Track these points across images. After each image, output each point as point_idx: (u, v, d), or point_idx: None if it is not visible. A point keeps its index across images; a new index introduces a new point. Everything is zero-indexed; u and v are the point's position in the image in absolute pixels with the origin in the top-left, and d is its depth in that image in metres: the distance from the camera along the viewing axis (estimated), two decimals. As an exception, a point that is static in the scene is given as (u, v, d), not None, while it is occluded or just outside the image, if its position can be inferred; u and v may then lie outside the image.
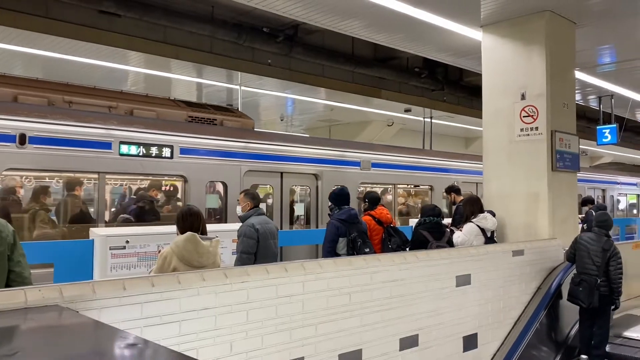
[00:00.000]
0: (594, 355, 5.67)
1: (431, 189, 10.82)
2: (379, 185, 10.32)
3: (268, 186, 8.39)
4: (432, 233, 5.63)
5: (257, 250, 4.77)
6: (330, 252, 5.06)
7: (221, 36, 8.22)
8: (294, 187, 8.72)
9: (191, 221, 3.59)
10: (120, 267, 5.16)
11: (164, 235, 5.12)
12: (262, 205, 8.14)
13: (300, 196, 9.03)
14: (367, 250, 5.03)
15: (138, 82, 11.14)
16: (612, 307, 5.71)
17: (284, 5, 6.28)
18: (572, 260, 5.87)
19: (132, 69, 9.94)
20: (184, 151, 6.99)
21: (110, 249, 5.12)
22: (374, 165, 9.62)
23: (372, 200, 6.04)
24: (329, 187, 8.56)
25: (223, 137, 7.55)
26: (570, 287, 5.71)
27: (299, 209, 8.82)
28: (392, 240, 5.65)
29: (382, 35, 7.43)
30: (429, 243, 5.54)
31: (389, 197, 10.80)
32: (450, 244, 5.70)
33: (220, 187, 7.61)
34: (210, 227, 5.86)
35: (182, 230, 3.53)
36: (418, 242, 5.62)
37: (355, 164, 9.31)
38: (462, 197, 7.33)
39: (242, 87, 11.25)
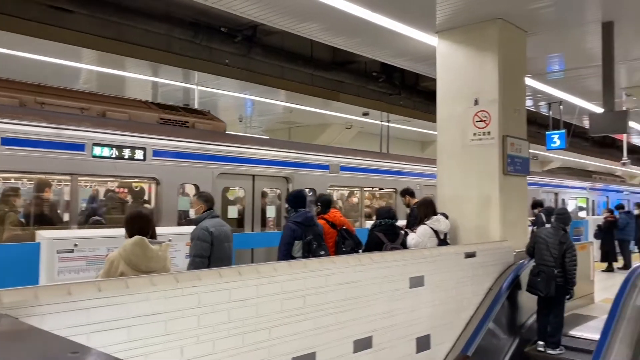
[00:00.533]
0: (549, 342, 5.93)
1: (396, 191, 11.11)
2: (347, 188, 10.54)
3: (239, 189, 8.46)
4: (387, 235, 5.73)
5: (211, 253, 4.70)
6: (286, 254, 5.05)
7: (177, 35, 8.09)
8: (265, 189, 8.77)
9: (140, 224, 3.50)
10: (68, 272, 5.00)
11: (114, 238, 4.99)
12: (234, 208, 8.27)
13: (272, 199, 9.10)
14: (322, 253, 5.04)
15: (91, 80, 10.83)
16: (567, 296, 6.01)
17: (242, 5, 6.23)
18: (532, 253, 6.14)
19: (85, 66, 9.65)
20: (157, 153, 7.02)
21: (57, 253, 4.95)
22: (343, 168, 9.90)
23: (325, 203, 6.06)
24: None
25: (195, 140, 7.59)
26: (529, 278, 5.99)
27: (271, 212, 8.88)
28: (346, 243, 5.69)
29: (340, 38, 7.47)
30: (384, 244, 5.62)
31: (356, 199, 11.14)
32: (404, 245, 5.78)
33: (192, 190, 7.61)
34: (164, 230, 5.79)
35: (130, 234, 3.43)
36: (373, 244, 5.70)
37: (325, 167, 9.55)
38: (416, 200, 7.45)
39: (199, 87, 11.10)
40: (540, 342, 5.96)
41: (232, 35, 8.62)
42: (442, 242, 5.99)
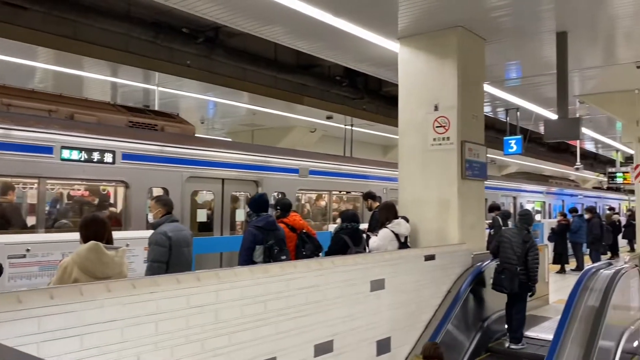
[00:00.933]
0: (512, 337, 6.22)
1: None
2: (316, 192, 10.59)
3: (208, 192, 8.44)
4: (352, 238, 5.75)
5: (169, 258, 4.60)
6: (247, 260, 4.99)
7: (137, 35, 7.93)
8: (235, 193, 8.75)
9: (95, 229, 3.41)
10: (19, 278, 4.82)
11: (69, 243, 4.85)
12: (203, 212, 8.25)
13: (241, 202, 9.09)
14: (283, 257, 5.01)
15: (47, 79, 10.51)
16: (529, 293, 6.31)
17: (204, 7, 6.16)
18: (496, 253, 6.41)
19: (40, 65, 9.35)
20: (126, 157, 6.98)
21: (8, 258, 4.77)
22: (312, 172, 10.00)
23: (284, 207, 6.05)
24: (269, 193, 8.80)
25: (165, 143, 7.57)
26: (494, 276, 6.26)
27: (240, 215, 8.88)
28: (306, 247, 5.69)
29: (304, 42, 7.48)
30: (349, 248, 5.65)
31: (323, 202, 11.28)
32: (365, 249, 5.83)
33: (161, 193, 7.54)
34: (121, 234, 5.66)
35: (85, 239, 3.34)
36: (338, 247, 5.72)
37: (294, 171, 9.62)
38: (378, 203, 7.55)
39: (160, 88, 10.92)
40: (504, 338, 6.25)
41: (194, 37, 8.52)
42: (403, 245, 6.07)
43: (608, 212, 18.33)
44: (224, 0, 5.98)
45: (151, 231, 4.89)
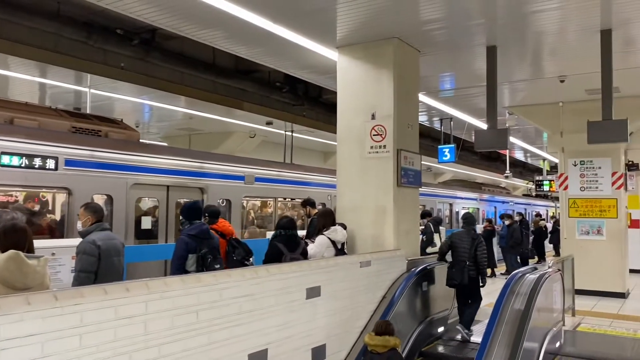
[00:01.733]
0: (465, 323, 6.86)
1: None
2: (261, 199, 10.62)
3: (150, 199, 8.31)
4: (287, 245, 5.73)
5: (98, 268, 4.42)
6: (179, 268, 4.89)
7: (68, 35, 7.61)
8: (180, 200, 8.59)
9: (15, 238, 3.22)
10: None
11: None
12: (147, 219, 8.12)
13: None
14: (217, 266, 4.97)
15: (-33, 77, 9.88)
16: (481, 284, 6.97)
17: (139, 8, 6.00)
18: (442, 256, 7.05)
19: (-40, 63, 8.80)
20: (69, 163, 6.84)
21: None
22: (257, 179, 10.05)
23: (213, 214, 6.05)
24: (215, 201, 8.90)
25: (109, 149, 7.44)
26: (447, 273, 6.92)
27: None
28: (236, 252, 5.67)
29: (243, 47, 7.43)
30: (283, 255, 5.63)
31: (270, 209, 11.31)
32: (304, 255, 5.83)
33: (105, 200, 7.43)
34: (47, 242, 5.39)
35: (4, 249, 3.15)
36: (274, 254, 5.69)
37: (240, 178, 9.64)
38: (316, 210, 7.61)
39: (92, 90, 10.52)
40: (458, 327, 6.91)
41: (128, 38, 8.28)
42: (340, 251, 6.14)
43: (535, 218, 19.30)
44: (160, 3, 5.84)
45: (79, 239, 4.69)
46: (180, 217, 5.37)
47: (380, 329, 4.89)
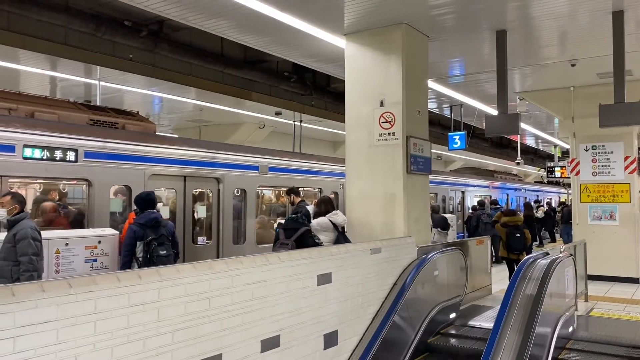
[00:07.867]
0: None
1: (321, 191, 11.58)
2: (275, 188, 10.88)
3: (167, 190, 8.46)
4: (285, 231, 6.22)
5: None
6: (128, 255, 5.41)
7: (77, 27, 7.65)
8: (196, 190, 8.75)
9: None
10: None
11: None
12: (165, 209, 8.31)
13: (203, 199, 9.13)
14: (162, 252, 5.43)
15: (-21, 72, 9.98)
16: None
17: (146, -1, 6.02)
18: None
19: (-29, 57, 8.89)
20: (89, 155, 6.97)
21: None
22: (271, 169, 10.17)
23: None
24: (230, 190, 9.09)
25: (127, 141, 7.58)
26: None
27: (202, 212, 8.93)
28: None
29: (250, 37, 7.42)
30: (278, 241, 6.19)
31: (283, 199, 11.32)
32: (299, 242, 6.10)
33: (125, 191, 7.60)
34: (62, 233, 5.48)
35: None
36: (274, 240, 6.41)
37: (254, 167, 9.75)
38: (300, 199, 8.10)
39: (102, 83, 10.58)
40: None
41: (136, 30, 8.30)
42: (341, 234, 6.56)
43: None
44: (167, -7, 5.86)
45: (93, 230, 4.81)
46: (134, 207, 5.72)
47: None
